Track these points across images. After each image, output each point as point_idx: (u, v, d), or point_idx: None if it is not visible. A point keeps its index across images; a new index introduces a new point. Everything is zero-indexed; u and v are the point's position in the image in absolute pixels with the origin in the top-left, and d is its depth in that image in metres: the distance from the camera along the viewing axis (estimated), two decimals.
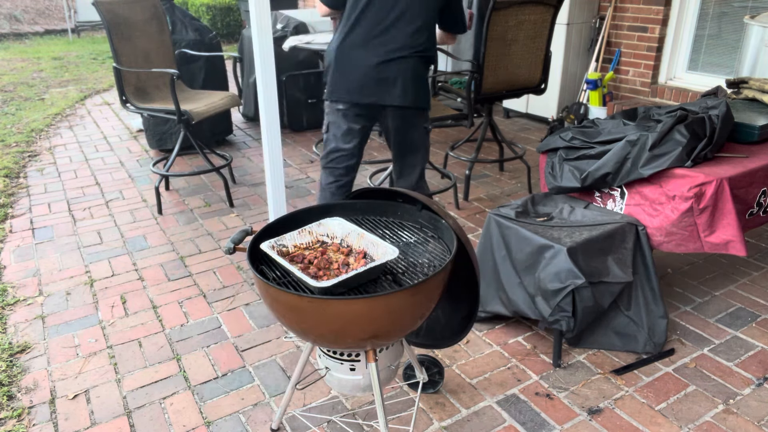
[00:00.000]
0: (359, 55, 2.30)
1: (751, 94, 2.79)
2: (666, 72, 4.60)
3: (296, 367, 1.83)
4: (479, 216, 3.45)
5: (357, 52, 2.31)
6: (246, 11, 8.70)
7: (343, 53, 2.33)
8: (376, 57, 2.29)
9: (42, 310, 2.61)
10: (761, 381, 2.10)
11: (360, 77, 2.31)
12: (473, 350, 2.30)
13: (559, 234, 2.14)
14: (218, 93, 3.85)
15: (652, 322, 2.23)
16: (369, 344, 1.48)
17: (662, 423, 1.92)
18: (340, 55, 2.34)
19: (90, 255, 3.08)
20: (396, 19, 2.27)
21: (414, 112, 2.44)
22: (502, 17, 3.12)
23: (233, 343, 2.37)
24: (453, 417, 1.97)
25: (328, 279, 1.44)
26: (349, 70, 2.32)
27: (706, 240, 2.16)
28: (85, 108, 6.04)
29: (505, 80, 3.36)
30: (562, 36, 4.69)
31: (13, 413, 2.02)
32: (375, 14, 2.27)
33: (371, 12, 2.27)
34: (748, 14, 3.63)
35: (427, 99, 2.45)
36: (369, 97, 2.34)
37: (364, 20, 2.28)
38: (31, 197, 3.81)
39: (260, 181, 4.03)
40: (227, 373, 2.20)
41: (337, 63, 2.35)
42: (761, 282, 2.72)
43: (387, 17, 2.27)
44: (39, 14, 11.70)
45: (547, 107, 5.00)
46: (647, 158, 2.18)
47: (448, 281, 1.54)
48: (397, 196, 1.78)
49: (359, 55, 2.30)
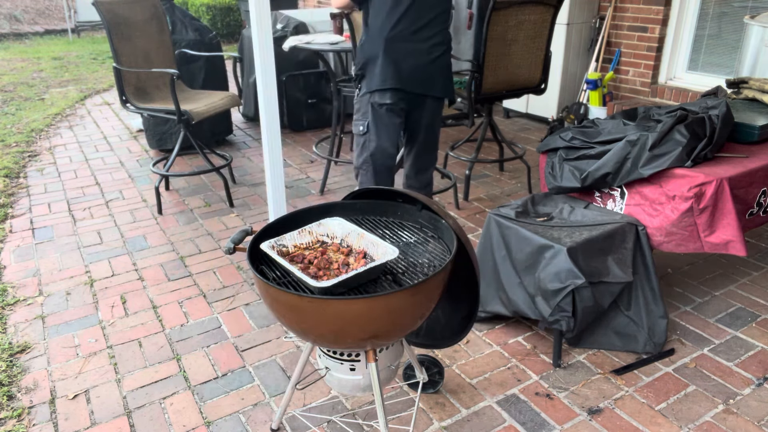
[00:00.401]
0: (409, 47, 2.38)
1: (751, 94, 2.79)
2: (666, 72, 4.60)
3: (296, 367, 1.83)
4: (479, 216, 3.45)
5: (406, 44, 2.38)
6: (246, 11, 8.69)
7: (394, 43, 2.37)
8: (426, 48, 2.40)
9: (42, 310, 2.61)
10: (761, 381, 2.10)
11: (412, 66, 2.40)
12: (473, 350, 2.30)
13: (559, 234, 2.14)
14: (218, 93, 3.85)
15: (652, 322, 2.23)
16: (369, 344, 1.48)
17: (662, 423, 1.92)
18: (391, 46, 2.36)
19: (90, 255, 3.08)
20: (435, 16, 2.39)
21: (442, 104, 2.61)
22: (502, 17, 3.12)
23: (233, 343, 2.37)
24: (453, 417, 1.97)
25: (328, 279, 1.44)
26: (402, 58, 2.37)
27: (706, 240, 2.16)
28: (85, 108, 6.04)
29: (505, 80, 3.36)
30: (562, 36, 4.69)
31: (13, 413, 2.02)
32: (418, 10, 2.36)
33: (416, 7, 2.36)
34: (748, 14, 3.63)
35: (453, 90, 2.62)
36: (418, 87, 2.44)
37: (411, 13, 2.36)
38: (31, 197, 3.81)
39: (260, 181, 4.03)
40: (227, 373, 2.20)
41: (387, 53, 2.36)
42: (761, 282, 2.72)
43: (429, 13, 2.37)
44: (39, 14, 11.70)
45: (547, 107, 4.99)
46: (647, 158, 2.18)
47: (448, 281, 1.54)
48: (397, 196, 1.78)
49: (409, 46, 2.38)
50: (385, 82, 2.38)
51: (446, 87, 2.53)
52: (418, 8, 2.35)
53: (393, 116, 2.47)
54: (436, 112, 2.58)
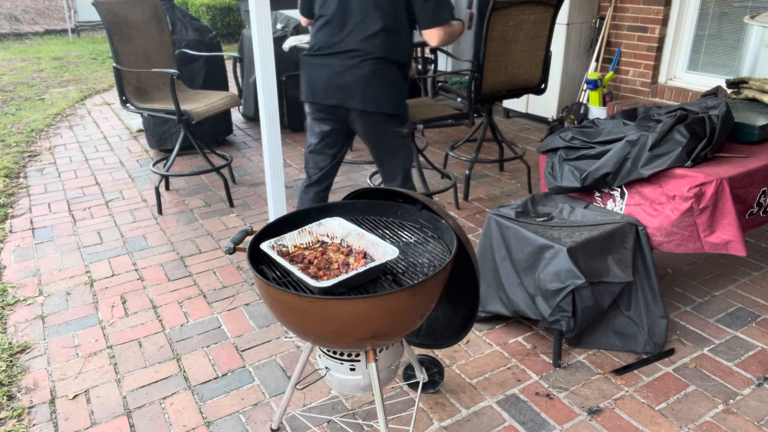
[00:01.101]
0: (322, 62, 2.37)
1: (751, 94, 2.79)
2: (666, 72, 4.60)
3: (296, 367, 1.83)
4: (479, 216, 3.45)
5: (320, 59, 2.37)
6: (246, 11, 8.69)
7: (309, 61, 2.41)
8: (337, 63, 2.33)
9: (42, 310, 2.61)
10: (761, 381, 2.10)
11: (324, 81, 2.37)
12: (473, 350, 2.30)
13: (559, 234, 2.14)
14: (218, 93, 3.85)
15: (652, 322, 2.23)
16: (369, 344, 1.48)
17: (662, 423, 1.92)
18: (306, 62, 2.43)
19: (90, 255, 3.08)
20: (354, 26, 2.29)
21: (382, 117, 2.40)
22: (502, 17, 3.12)
23: (233, 343, 2.37)
24: (453, 417, 1.97)
25: (328, 279, 1.44)
26: (314, 75, 2.40)
27: (706, 240, 2.16)
28: (85, 108, 6.04)
29: (505, 80, 3.36)
30: (562, 36, 4.69)
31: (13, 413, 2.02)
32: (336, 23, 2.32)
33: (333, 21, 2.32)
34: (748, 14, 3.63)
35: (394, 104, 2.38)
36: (332, 99, 2.38)
37: (327, 28, 2.34)
38: (31, 197, 3.81)
39: (260, 181, 4.03)
40: (227, 373, 2.20)
41: (303, 69, 2.45)
42: (761, 282, 2.72)
43: (346, 26, 2.31)
44: (39, 14, 11.71)
45: (547, 107, 4.99)
46: (647, 158, 2.18)
47: (448, 281, 1.54)
48: (397, 196, 1.78)
49: (322, 61, 2.37)
50: (303, 96, 2.49)
51: (368, 100, 2.32)
52: (337, 21, 2.31)
53: (318, 122, 2.51)
54: (372, 125, 2.41)
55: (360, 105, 2.34)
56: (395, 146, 2.51)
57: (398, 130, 2.47)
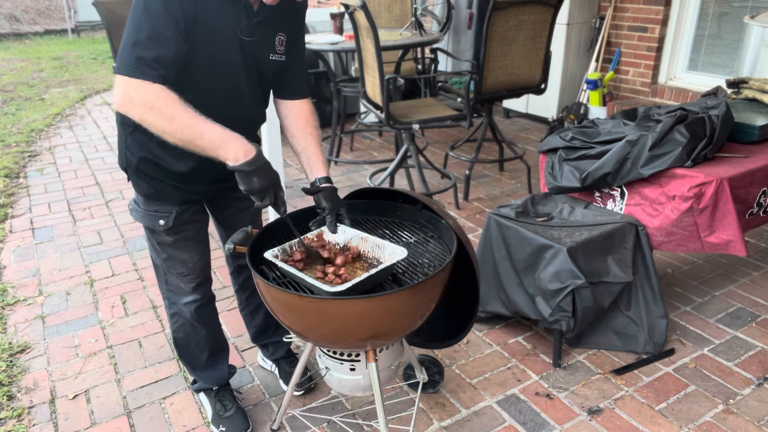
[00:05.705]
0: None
1: (751, 94, 2.79)
2: (666, 72, 4.60)
3: (296, 367, 1.83)
4: (479, 216, 3.45)
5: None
6: None
7: None
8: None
9: (42, 310, 2.61)
10: (761, 381, 2.10)
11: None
12: (473, 350, 2.30)
13: (559, 234, 2.14)
14: None
15: (652, 322, 2.23)
16: (369, 344, 1.48)
17: (662, 423, 1.92)
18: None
19: (90, 255, 3.08)
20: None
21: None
22: (502, 17, 3.12)
23: (233, 343, 2.37)
24: (453, 417, 1.97)
25: (340, 284, 1.42)
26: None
27: (706, 240, 2.16)
28: (85, 108, 6.04)
29: (505, 80, 3.36)
30: (562, 36, 4.69)
31: (13, 413, 2.02)
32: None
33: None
34: (748, 14, 3.63)
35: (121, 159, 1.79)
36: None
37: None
38: (31, 197, 3.81)
39: None
40: None
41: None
42: (761, 282, 2.72)
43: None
44: (39, 14, 11.71)
45: (547, 107, 4.99)
46: (647, 158, 2.18)
47: (448, 281, 1.54)
48: (397, 196, 1.78)
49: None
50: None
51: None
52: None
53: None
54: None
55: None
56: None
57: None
